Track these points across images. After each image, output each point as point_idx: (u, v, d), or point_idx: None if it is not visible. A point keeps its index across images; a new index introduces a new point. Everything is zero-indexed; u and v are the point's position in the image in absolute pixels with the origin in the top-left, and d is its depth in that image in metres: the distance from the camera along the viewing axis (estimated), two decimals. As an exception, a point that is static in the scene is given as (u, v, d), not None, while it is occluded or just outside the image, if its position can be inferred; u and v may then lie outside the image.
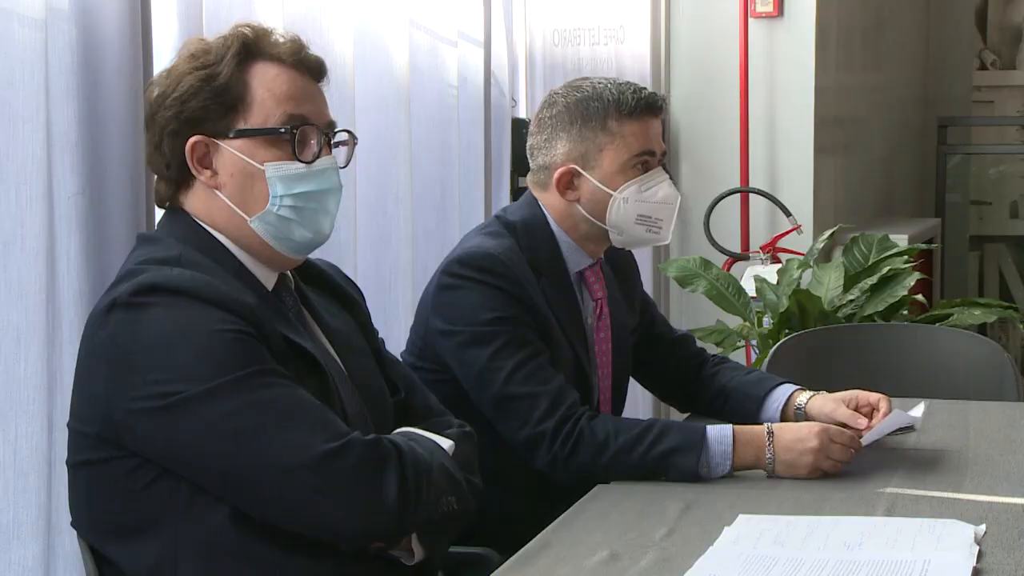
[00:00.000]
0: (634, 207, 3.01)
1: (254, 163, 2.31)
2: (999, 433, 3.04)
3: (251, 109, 2.31)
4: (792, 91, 5.88)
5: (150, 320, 2.15)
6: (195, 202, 2.33)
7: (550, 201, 3.07)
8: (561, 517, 2.48)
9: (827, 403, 3.00)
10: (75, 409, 2.25)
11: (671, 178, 3.08)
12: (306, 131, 2.33)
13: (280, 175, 2.31)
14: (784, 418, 3.03)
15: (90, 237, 2.77)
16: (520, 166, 4.71)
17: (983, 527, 2.30)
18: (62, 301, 2.73)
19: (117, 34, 2.80)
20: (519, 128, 4.76)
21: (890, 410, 2.95)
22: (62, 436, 2.33)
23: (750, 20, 5.85)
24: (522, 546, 2.32)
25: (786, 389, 3.09)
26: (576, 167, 3.02)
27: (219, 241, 2.32)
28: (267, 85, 2.32)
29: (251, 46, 2.33)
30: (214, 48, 2.33)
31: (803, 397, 3.04)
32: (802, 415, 3.02)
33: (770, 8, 5.85)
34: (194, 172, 2.31)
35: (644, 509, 2.51)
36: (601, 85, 3.03)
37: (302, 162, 2.32)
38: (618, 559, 2.23)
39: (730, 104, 5.89)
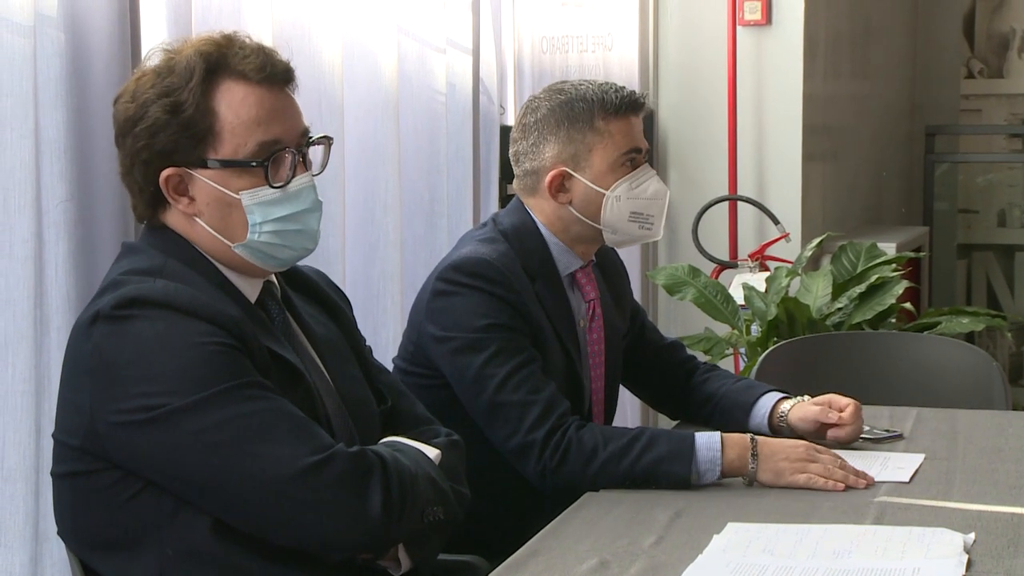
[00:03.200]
0: (627, 204, 3.02)
1: (229, 192, 2.27)
2: (988, 442, 3.04)
3: (221, 138, 2.25)
4: (780, 99, 5.88)
5: (133, 333, 2.14)
6: (175, 221, 2.31)
7: (539, 205, 3.07)
8: (550, 525, 2.47)
9: (806, 410, 3.00)
10: (59, 420, 2.24)
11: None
12: (278, 157, 2.29)
13: (256, 203, 2.28)
14: (770, 425, 3.04)
15: (78, 243, 2.77)
16: (508, 173, 4.70)
17: (972, 536, 2.30)
18: (50, 308, 2.73)
19: (106, 41, 2.80)
20: (507, 135, 4.75)
21: (857, 414, 2.97)
22: (50, 443, 2.32)
23: (738, 28, 5.85)
24: (511, 554, 2.31)
25: (772, 397, 3.08)
26: (567, 169, 3.02)
27: (201, 253, 2.31)
28: (235, 110, 2.26)
29: (214, 64, 2.26)
30: (178, 66, 2.26)
31: (786, 405, 3.04)
32: (784, 423, 3.02)
33: (758, 16, 5.85)
34: (170, 201, 2.28)
35: (633, 517, 2.51)
36: (583, 87, 3.04)
37: (274, 187, 2.28)
38: (607, 567, 2.23)
39: (718, 112, 5.89)
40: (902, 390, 3.76)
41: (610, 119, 3.01)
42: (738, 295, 4.94)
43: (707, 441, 2.73)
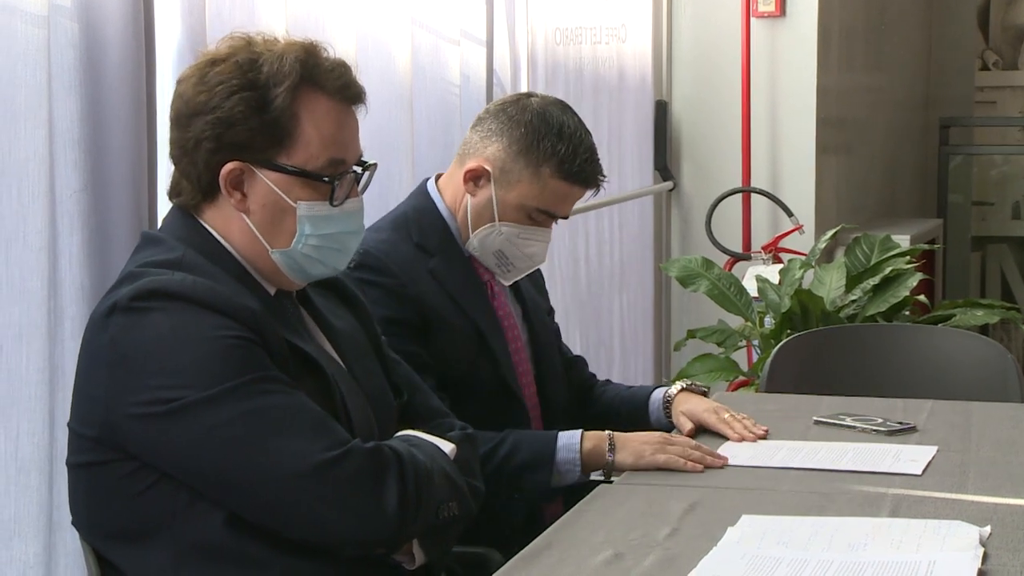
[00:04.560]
0: (501, 243, 3.04)
1: (288, 199, 2.28)
2: (1002, 434, 3.04)
3: (296, 145, 2.26)
4: (794, 91, 5.88)
5: (150, 325, 2.14)
6: (215, 215, 2.30)
7: (453, 178, 3.08)
8: (564, 517, 2.47)
9: (694, 401, 3.09)
10: (75, 410, 2.24)
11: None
12: (343, 177, 2.31)
13: (311, 215, 2.29)
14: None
15: (92, 234, 2.77)
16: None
17: (988, 528, 2.29)
18: (64, 298, 2.72)
19: (120, 31, 2.79)
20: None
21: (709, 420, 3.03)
22: (64, 433, 2.33)
23: (752, 19, 5.85)
24: (524, 546, 2.31)
25: (660, 390, 3.20)
26: (491, 173, 3.02)
27: (223, 246, 2.30)
28: (316, 123, 2.27)
29: (308, 72, 2.27)
30: (266, 64, 2.25)
31: (673, 388, 3.16)
32: (669, 401, 3.14)
33: (772, 8, 5.84)
34: (224, 192, 2.28)
35: (647, 509, 2.51)
36: (566, 132, 3.01)
37: (333, 205, 2.30)
38: (622, 559, 2.23)
39: (732, 103, 5.88)
40: (916, 382, 3.75)
41: (555, 177, 3.00)
42: (752, 287, 4.94)
43: (567, 441, 2.84)
